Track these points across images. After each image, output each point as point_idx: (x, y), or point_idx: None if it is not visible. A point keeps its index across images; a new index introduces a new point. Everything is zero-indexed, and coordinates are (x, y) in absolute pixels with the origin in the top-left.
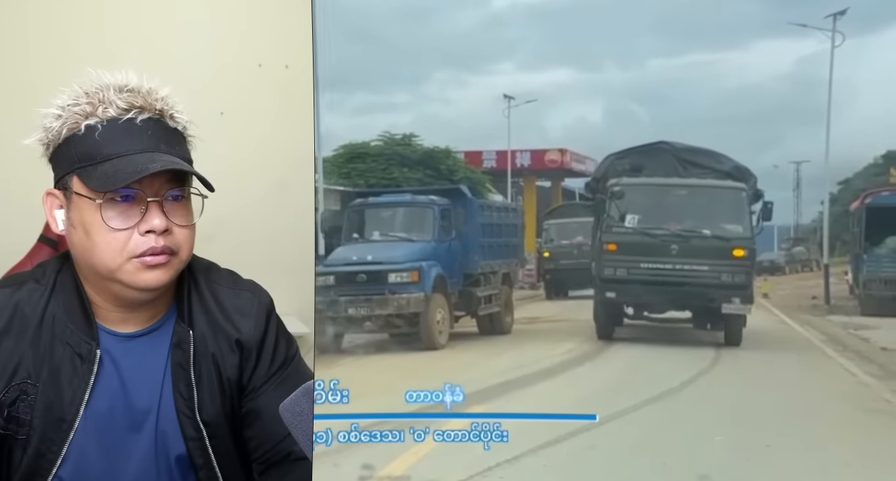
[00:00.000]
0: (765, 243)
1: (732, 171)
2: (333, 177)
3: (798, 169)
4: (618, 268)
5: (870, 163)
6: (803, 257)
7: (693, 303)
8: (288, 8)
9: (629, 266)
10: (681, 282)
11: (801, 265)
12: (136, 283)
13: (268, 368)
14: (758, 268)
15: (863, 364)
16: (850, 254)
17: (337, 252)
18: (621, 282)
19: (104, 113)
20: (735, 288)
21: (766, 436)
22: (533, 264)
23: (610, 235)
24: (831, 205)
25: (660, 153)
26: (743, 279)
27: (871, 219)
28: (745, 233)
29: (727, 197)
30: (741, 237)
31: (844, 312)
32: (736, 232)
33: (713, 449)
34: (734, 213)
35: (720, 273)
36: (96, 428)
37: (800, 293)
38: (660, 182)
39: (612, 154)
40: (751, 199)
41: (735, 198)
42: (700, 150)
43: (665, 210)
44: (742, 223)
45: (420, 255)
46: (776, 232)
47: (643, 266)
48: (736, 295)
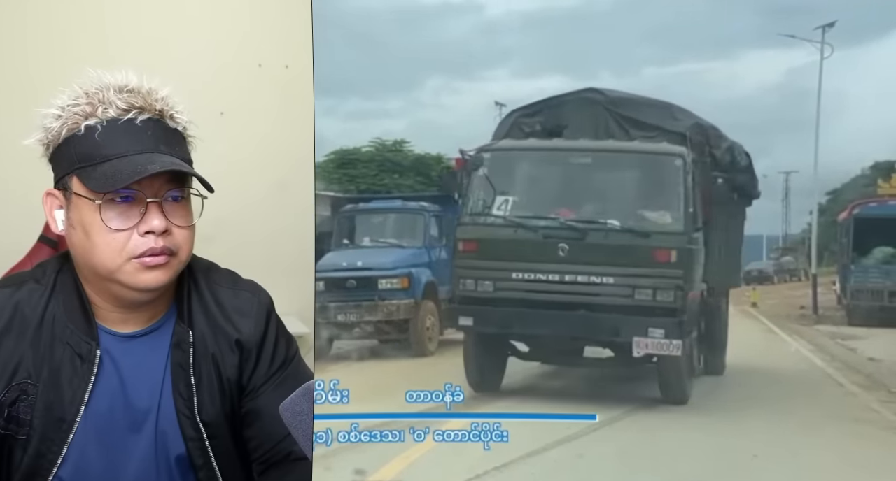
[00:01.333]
0: (754, 252)
1: (692, 134)
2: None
3: (787, 179)
4: (479, 281)
5: (858, 174)
6: (792, 267)
7: (594, 338)
8: (288, 8)
9: (495, 276)
10: (571, 302)
11: (789, 274)
12: (136, 284)
13: (268, 368)
14: (746, 277)
15: (850, 374)
16: (838, 265)
17: (327, 257)
18: (483, 303)
19: (104, 113)
20: (654, 313)
21: (753, 446)
22: None
23: (467, 229)
24: (820, 216)
25: (587, 106)
26: (668, 298)
27: (859, 230)
28: (675, 225)
29: (652, 169)
30: (668, 231)
31: (832, 322)
32: (660, 222)
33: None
34: (661, 194)
35: (632, 288)
36: (96, 428)
37: (788, 302)
38: (547, 146)
39: (519, 108)
40: (695, 172)
41: (664, 170)
42: (646, 102)
43: (554, 191)
44: (671, 209)
45: (410, 262)
46: (765, 241)
47: (515, 276)
48: (657, 324)
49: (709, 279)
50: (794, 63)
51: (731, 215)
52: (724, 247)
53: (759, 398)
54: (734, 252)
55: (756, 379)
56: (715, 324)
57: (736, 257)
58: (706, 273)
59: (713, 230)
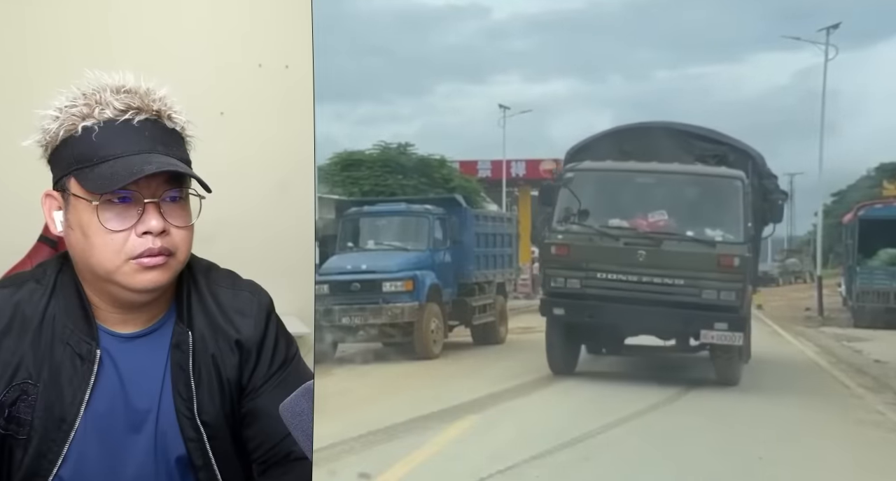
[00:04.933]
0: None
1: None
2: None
3: (792, 180)
4: (568, 279)
5: (863, 176)
6: (797, 269)
7: (665, 329)
8: (288, 8)
9: (583, 275)
10: (649, 299)
11: (794, 276)
12: (134, 285)
13: (267, 368)
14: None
15: (856, 376)
16: (844, 267)
17: (331, 261)
18: (573, 297)
19: (101, 114)
20: (719, 309)
21: (758, 448)
22: (528, 274)
23: (558, 235)
24: (825, 217)
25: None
26: (731, 297)
27: (864, 232)
28: (736, 237)
29: (715, 188)
30: (731, 242)
31: (837, 324)
32: (725, 235)
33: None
34: (723, 210)
35: (700, 288)
36: (96, 428)
37: (793, 304)
38: (625, 167)
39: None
40: (749, 192)
41: (726, 190)
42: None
43: (633, 204)
44: (733, 223)
45: (415, 264)
46: (770, 243)
47: (600, 276)
48: (721, 319)
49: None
50: (799, 65)
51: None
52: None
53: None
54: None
55: (760, 381)
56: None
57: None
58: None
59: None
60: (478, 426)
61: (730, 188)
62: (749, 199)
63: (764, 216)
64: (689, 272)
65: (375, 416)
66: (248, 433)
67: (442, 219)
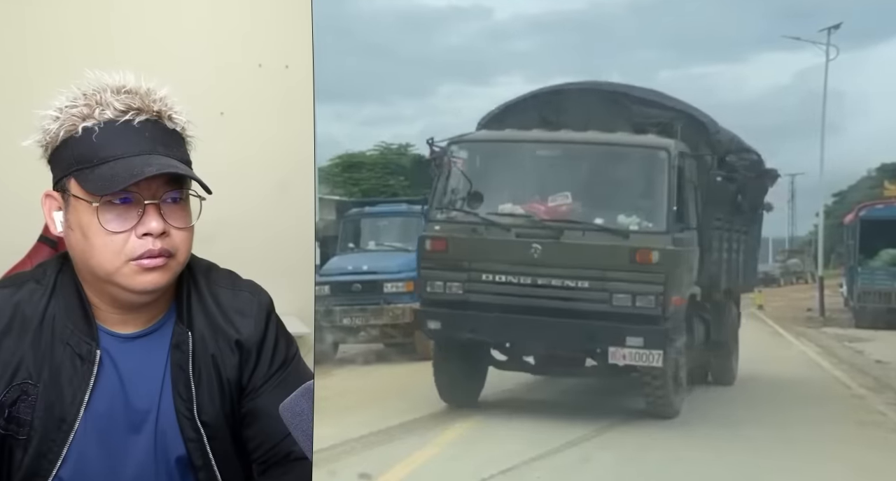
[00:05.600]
0: (760, 255)
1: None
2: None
3: (793, 181)
4: (448, 283)
5: (864, 176)
6: (798, 269)
7: (567, 345)
8: (288, 8)
9: (465, 278)
10: (546, 307)
11: (795, 277)
12: (134, 286)
13: (267, 369)
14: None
15: (857, 376)
16: (845, 267)
17: (332, 261)
18: (453, 307)
19: (101, 115)
20: (634, 319)
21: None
22: None
23: (435, 226)
24: (826, 218)
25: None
26: (649, 304)
27: (865, 232)
28: (657, 225)
29: (632, 162)
30: (650, 231)
31: (839, 324)
32: (642, 222)
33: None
34: (642, 191)
35: (610, 293)
36: (96, 428)
37: (794, 305)
38: (520, 137)
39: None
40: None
41: (646, 164)
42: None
43: (530, 184)
44: (653, 207)
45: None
46: (771, 244)
47: (486, 279)
48: (635, 332)
49: (712, 283)
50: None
51: (743, 216)
52: (735, 250)
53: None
54: (749, 256)
55: (762, 382)
56: (722, 330)
57: (751, 261)
58: (707, 276)
59: (717, 231)
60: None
61: (650, 162)
62: (683, 177)
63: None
64: (596, 271)
65: (376, 417)
66: (248, 433)
67: None
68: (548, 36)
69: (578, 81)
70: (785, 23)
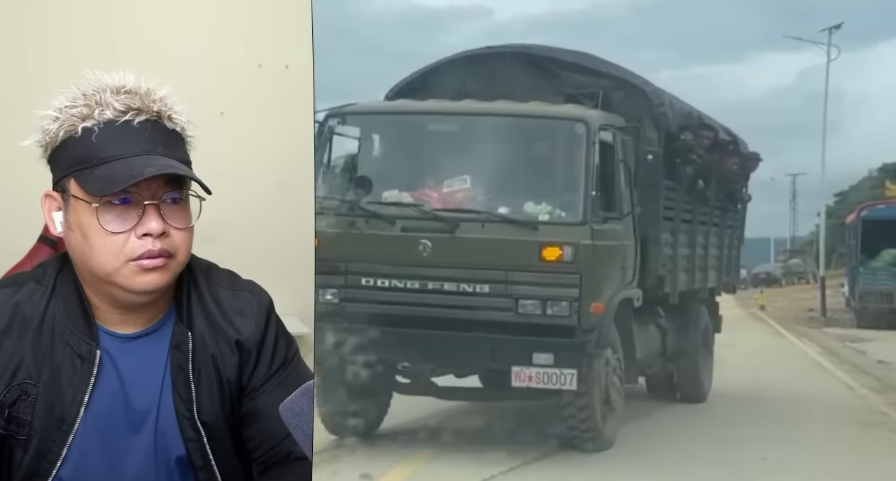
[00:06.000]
0: (762, 255)
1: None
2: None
3: (794, 181)
4: (321, 289)
5: (866, 176)
6: (799, 269)
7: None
8: (288, 8)
9: (341, 284)
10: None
11: (797, 277)
12: (133, 287)
13: (267, 369)
14: (754, 280)
15: (859, 376)
16: (847, 267)
17: None
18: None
19: (101, 115)
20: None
21: (761, 449)
22: None
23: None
24: (827, 218)
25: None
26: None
27: (867, 232)
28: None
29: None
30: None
31: (841, 325)
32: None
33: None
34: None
35: (515, 298)
36: (96, 428)
37: (796, 305)
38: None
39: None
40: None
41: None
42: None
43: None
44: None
45: None
46: (772, 244)
47: (366, 283)
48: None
49: (664, 285)
50: (802, 66)
51: (709, 206)
52: (702, 246)
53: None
54: (726, 253)
55: (763, 382)
56: (685, 340)
57: (729, 259)
58: (654, 277)
59: (670, 223)
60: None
61: (564, 137)
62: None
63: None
64: (498, 272)
65: None
66: (248, 433)
67: None
68: (548, 36)
69: (501, 45)
70: (786, 23)
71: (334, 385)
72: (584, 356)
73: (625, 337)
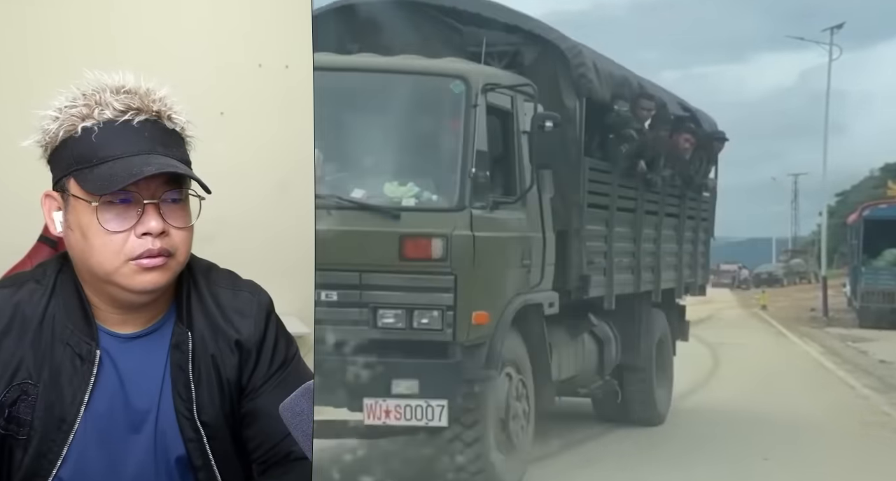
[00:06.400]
0: (763, 255)
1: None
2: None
3: (796, 181)
4: None
5: (868, 176)
6: (801, 269)
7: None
8: (288, 8)
9: None
10: None
11: (798, 277)
12: (133, 286)
13: (267, 369)
14: (756, 280)
15: (861, 376)
16: (848, 267)
17: None
18: None
19: (100, 115)
20: (407, 350)
21: (763, 449)
22: None
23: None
24: (829, 218)
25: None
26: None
27: (869, 232)
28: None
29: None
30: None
31: (843, 324)
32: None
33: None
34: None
35: (373, 308)
36: (96, 428)
37: (798, 305)
38: None
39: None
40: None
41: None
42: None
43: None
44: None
45: None
46: (774, 243)
47: None
48: (405, 371)
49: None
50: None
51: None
52: (654, 240)
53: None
54: (689, 248)
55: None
56: (634, 353)
57: (694, 256)
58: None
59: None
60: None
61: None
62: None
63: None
64: (349, 274)
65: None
66: (248, 433)
67: None
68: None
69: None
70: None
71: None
72: (461, 382)
73: (534, 352)
